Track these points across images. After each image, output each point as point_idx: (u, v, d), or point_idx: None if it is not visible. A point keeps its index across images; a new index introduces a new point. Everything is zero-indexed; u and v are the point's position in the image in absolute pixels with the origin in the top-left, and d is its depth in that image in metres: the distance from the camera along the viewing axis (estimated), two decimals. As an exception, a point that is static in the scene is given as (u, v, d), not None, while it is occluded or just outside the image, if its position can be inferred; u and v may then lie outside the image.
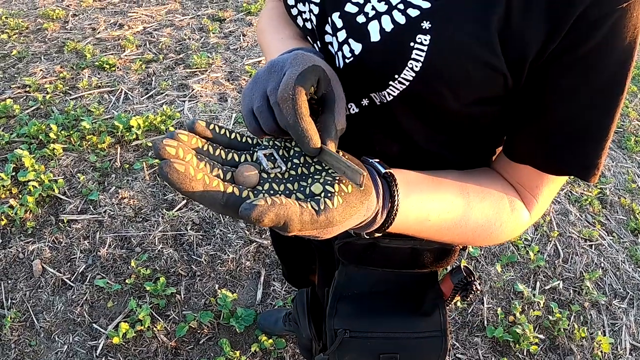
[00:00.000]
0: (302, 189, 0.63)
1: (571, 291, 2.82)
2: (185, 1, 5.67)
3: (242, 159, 0.65)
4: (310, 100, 0.70)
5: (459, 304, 2.59)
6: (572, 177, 0.79)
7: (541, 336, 2.54)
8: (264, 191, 0.60)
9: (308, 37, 0.91)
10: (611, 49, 0.65)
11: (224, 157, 0.64)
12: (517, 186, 0.84)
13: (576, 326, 2.62)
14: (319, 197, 0.60)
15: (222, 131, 0.66)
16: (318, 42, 0.86)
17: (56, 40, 4.60)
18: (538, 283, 2.83)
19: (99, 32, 4.79)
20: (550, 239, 3.10)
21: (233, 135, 0.67)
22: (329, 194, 0.60)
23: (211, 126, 0.65)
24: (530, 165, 0.79)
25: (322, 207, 0.58)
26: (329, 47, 0.83)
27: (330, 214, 0.58)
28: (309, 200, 0.59)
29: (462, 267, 1.04)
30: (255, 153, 0.66)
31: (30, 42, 4.57)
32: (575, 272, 2.93)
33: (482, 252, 2.93)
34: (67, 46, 4.44)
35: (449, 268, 1.12)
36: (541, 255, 2.96)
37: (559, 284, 2.84)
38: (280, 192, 0.61)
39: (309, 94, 0.67)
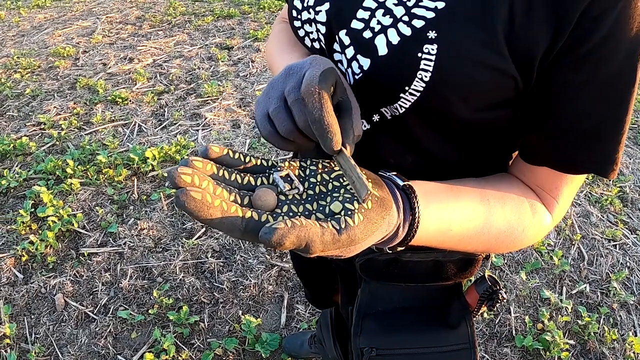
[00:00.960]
0: (321, 208, 0.62)
1: (598, 293, 2.78)
2: (193, 32, 5.75)
3: (259, 182, 0.64)
4: None
5: (485, 314, 2.56)
6: (591, 175, 0.78)
7: (571, 342, 2.50)
8: (283, 213, 0.59)
9: None
10: (618, 41, 0.65)
11: (240, 181, 0.63)
12: (536, 189, 0.83)
13: (606, 329, 2.58)
14: (339, 216, 0.59)
15: (236, 155, 0.65)
16: None
17: (68, 77, 4.67)
18: (564, 288, 2.79)
19: (109, 67, 4.85)
20: (573, 242, 3.07)
21: (248, 159, 0.66)
22: (350, 212, 0.59)
23: (225, 151, 0.64)
24: (547, 167, 0.78)
25: (343, 226, 0.57)
26: (339, 65, 0.83)
27: (352, 232, 0.57)
28: (329, 219, 0.58)
29: (486, 276, 1.02)
30: (272, 175, 0.65)
31: (42, 80, 4.64)
32: (601, 273, 2.90)
33: (506, 261, 2.90)
34: (79, 82, 4.50)
35: (473, 279, 1.11)
36: (565, 260, 2.93)
37: (585, 287, 2.80)
38: (299, 214, 0.60)
39: (330, 95, 0.67)
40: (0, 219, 3.05)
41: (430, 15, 0.70)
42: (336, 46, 0.82)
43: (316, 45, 0.88)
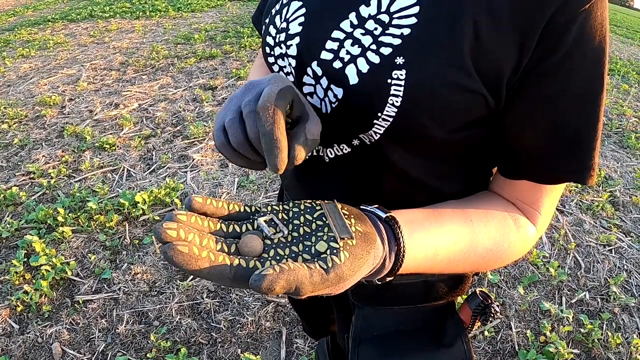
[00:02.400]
0: (307, 249, 0.62)
1: (599, 300, 2.79)
2: (177, 74, 5.80)
3: (244, 229, 0.65)
4: (285, 120, 0.71)
5: (486, 332, 2.56)
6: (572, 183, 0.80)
7: (576, 351, 2.49)
8: (270, 258, 0.60)
9: None
10: (583, 51, 0.67)
11: (225, 229, 0.64)
12: (518, 202, 0.85)
13: (610, 334, 2.58)
14: (325, 255, 0.60)
15: (220, 204, 0.66)
16: None
17: (55, 126, 4.68)
18: (564, 298, 2.80)
19: (96, 114, 4.88)
20: (568, 252, 3.09)
21: (231, 207, 0.67)
22: (335, 250, 0.60)
23: (208, 201, 0.65)
24: (526, 179, 0.80)
25: (330, 265, 0.58)
26: (308, 97, 0.85)
27: (340, 269, 0.59)
28: (316, 260, 0.59)
29: (477, 291, 1.03)
30: (256, 221, 0.67)
31: (30, 129, 4.65)
32: (600, 279, 2.91)
33: (503, 277, 2.91)
34: (67, 130, 4.52)
35: (465, 296, 1.12)
36: (562, 270, 2.94)
37: (585, 295, 2.81)
38: (286, 257, 0.61)
39: (285, 112, 0.68)
40: (-6, 270, 3.05)
41: (396, 42, 0.71)
42: (306, 78, 0.84)
43: (290, 78, 0.89)
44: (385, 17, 0.74)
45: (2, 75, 6.42)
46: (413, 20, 0.71)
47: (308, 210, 0.69)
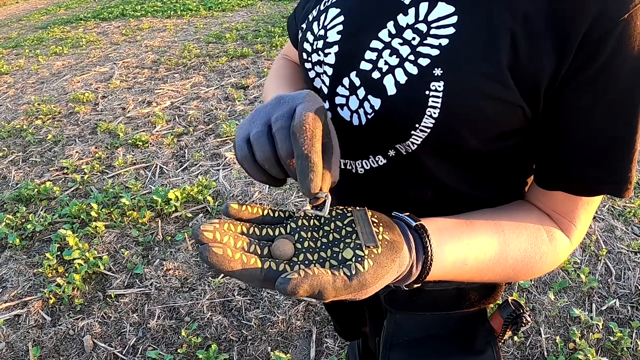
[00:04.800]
0: (334, 255, 0.64)
1: (629, 308, 2.73)
2: (208, 73, 5.83)
3: (277, 232, 0.67)
4: None
5: (515, 338, 2.53)
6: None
7: (605, 359, 2.44)
8: (299, 262, 0.63)
9: None
10: (622, 61, 0.65)
11: (258, 233, 0.66)
12: (553, 214, 0.83)
13: (639, 342, 2.55)
14: (350, 263, 0.61)
15: (255, 210, 0.68)
16: (327, 102, 0.87)
17: (89, 122, 4.74)
18: (594, 305, 2.74)
19: (129, 111, 4.92)
20: (599, 258, 3.03)
21: (266, 212, 0.69)
22: (360, 258, 0.61)
23: (244, 207, 0.67)
24: (562, 191, 0.78)
25: (353, 272, 0.60)
26: (338, 108, 0.85)
27: (363, 277, 0.60)
28: (341, 267, 0.61)
29: (510, 300, 1.02)
30: (289, 225, 0.68)
31: (64, 125, 4.71)
32: (630, 287, 2.85)
33: (533, 282, 2.87)
34: (100, 127, 4.57)
35: (497, 303, 1.10)
36: (593, 276, 2.89)
37: (615, 302, 2.75)
38: (314, 262, 0.63)
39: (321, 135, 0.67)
40: (27, 263, 3.08)
41: (435, 52, 0.71)
42: (340, 89, 0.83)
43: (324, 87, 0.89)
44: (423, 27, 0.73)
45: (35, 72, 6.51)
46: (451, 30, 0.71)
47: (339, 216, 0.70)
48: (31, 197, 3.65)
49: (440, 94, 0.70)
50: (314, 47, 0.88)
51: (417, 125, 0.74)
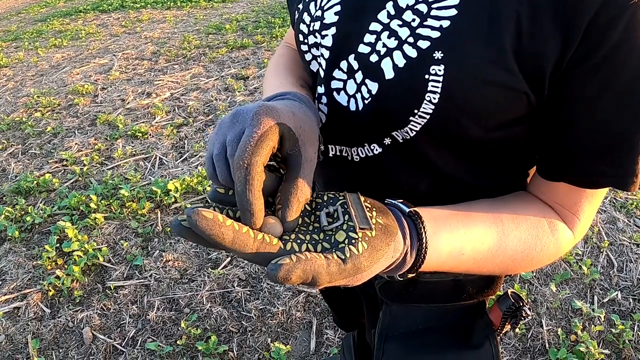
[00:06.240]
0: (327, 237, 0.62)
1: (631, 300, 2.71)
2: (208, 64, 5.81)
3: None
4: (275, 157, 0.69)
5: (517, 330, 2.52)
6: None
7: (606, 351, 2.42)
8: (291, 240, 0.60)
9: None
10: (630, 48, 0.62)
11: None
12: (556, 206, 0.80)
13: None
14: (343, 245, 0.59)
15: None
16: (323, 86, 0.85)
17: (88, 114, 4.73)
18: (596, 297, 2.73)
19: (128, 103, 4.91)
20: (601, 250, 3.02)
21: None
22: (353, 241, 0.59)
23: (230, 192, 0.65)
24: (565, 182, 0.75)
25: (347, 255, 0.57)
26: (334, 93, 0.82)
27: (357, 260, 0.57)
28: (334, 250, 0.58)
29: (509, 293, 0.99)
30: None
31: (63, 117, 4.70)
32: (632, 279, 2.83)
33: (535, 274, 2.85)
34: (99, 119, 4.55)
35: (496, 296, 1.08)
36: (595, 268, 2.87)
37: (617, 294, 2.74)
38: (307, 242, 0.61)
39: (267, 160, 0.63)
40: (27, 255, 3.07)
41: (435, 35, 0.68)
42: (337, 73, 0.81)
43: (321, 72, 0.86)
44: (423, 7, 0.70)
45: (35, 64, 6.50)
46: (453, 11, 0.67)
47: (331, 200, 0.67)
48: (30, 189, 3.63)
49: (441, 79, 0.67)
50: (311, 29, 0.85)
51: (415, 111, 0.72)
